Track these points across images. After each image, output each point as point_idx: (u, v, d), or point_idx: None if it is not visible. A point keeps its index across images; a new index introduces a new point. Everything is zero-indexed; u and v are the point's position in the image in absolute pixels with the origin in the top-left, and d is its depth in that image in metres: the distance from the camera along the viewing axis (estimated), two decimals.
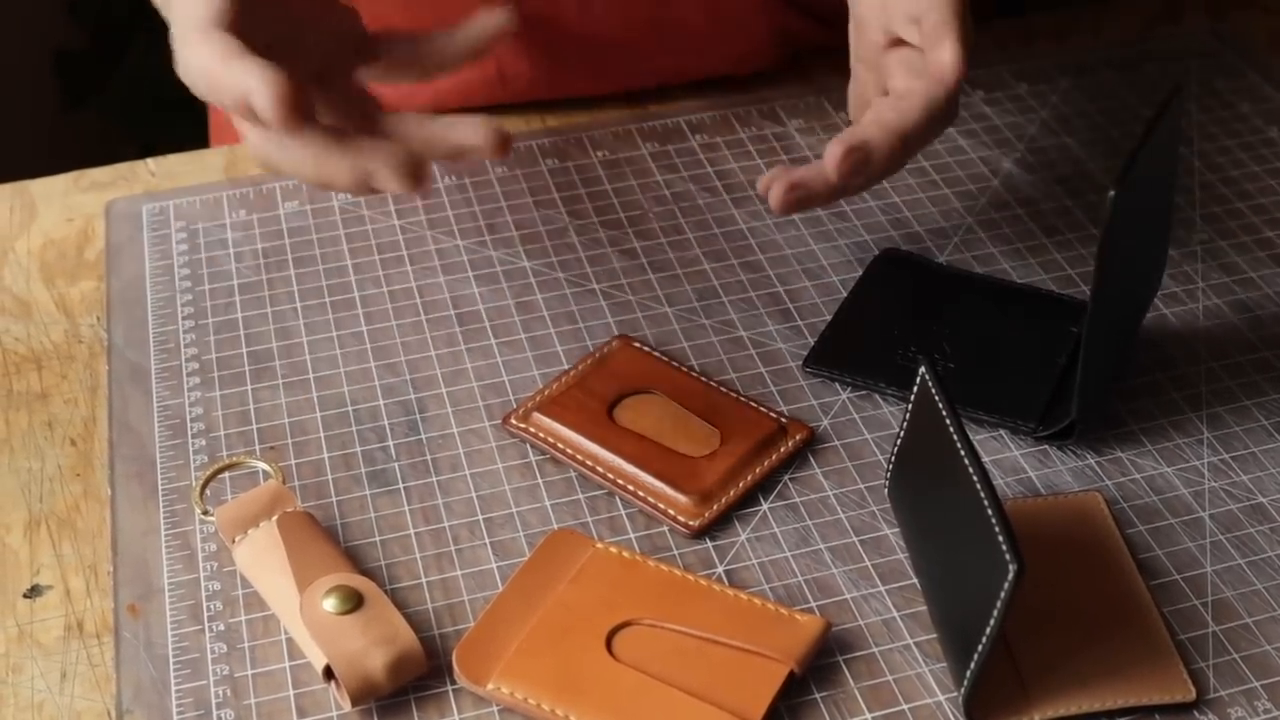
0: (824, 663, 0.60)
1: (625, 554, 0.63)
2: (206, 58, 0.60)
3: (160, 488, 0.67)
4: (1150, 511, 0.66)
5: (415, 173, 0.60)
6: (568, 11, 0.89)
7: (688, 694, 0.57)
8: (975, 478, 0.56)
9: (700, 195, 0.84)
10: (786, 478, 0.68)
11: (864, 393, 0.72)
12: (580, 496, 0.67)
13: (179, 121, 1.12)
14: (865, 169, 0.69)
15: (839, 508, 0.66)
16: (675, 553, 0.64)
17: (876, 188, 0.82)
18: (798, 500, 0.67)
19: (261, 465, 0.67)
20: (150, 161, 0.87)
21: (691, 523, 0.65)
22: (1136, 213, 0.64)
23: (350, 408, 0.71)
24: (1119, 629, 0.60)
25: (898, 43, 0.73)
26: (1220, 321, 0.76)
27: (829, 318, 0.76)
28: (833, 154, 0.67)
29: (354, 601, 0.59)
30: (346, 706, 0.58)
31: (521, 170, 0.86)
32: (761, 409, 0.70)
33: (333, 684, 0.58)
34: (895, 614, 0.62)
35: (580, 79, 0.92)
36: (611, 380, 0.71)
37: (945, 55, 0.69)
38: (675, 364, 0.72)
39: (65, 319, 0.77)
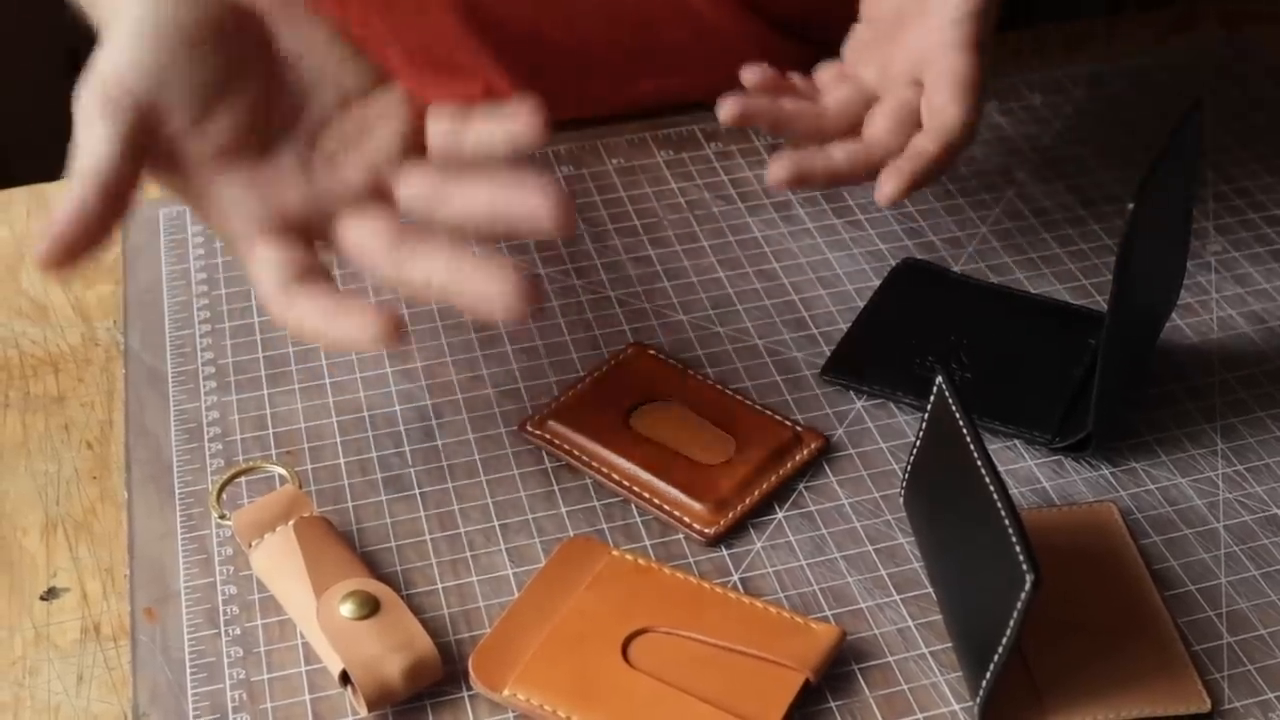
0: (839, 671, 0.60)
1: (641, 561, 0.63)
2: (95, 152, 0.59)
3: (177, 491, 0.67)
4: (1165, 522, 0.66)
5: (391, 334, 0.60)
6: (553, 33, 0.88)
7: (703, 701, 0.57)
8: (992, 487, 0.56)
9: (715, 203, 0.84)
10: (801, 486, 0.68)
11: (879, 402, 0.72)
12: (596, 503, 0.67)
13: None
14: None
15: (854, 516, 0.66)
16: (690, 560, 0.64)
17: None
18: (813, 509, 0.67)
19: (278, 470, 0.67)
20: None
21: (707, 530, 0.65)
22: (1155, 226, 0.64)
23: (367, 413, 0.71)
24: (1134, 640, 0.60)
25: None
26: (1234, 333, 0.76)
27: (844, 326, 0.76)
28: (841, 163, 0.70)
29: (370, 607, 0.59)
30: (363, 712, 0.58)
31: None
32: (777, 417, 0.70)
33: (349, 689, 0.58)
34: (910, 623, 0.62)
35: (565, 101, 0.91)
36: (627, 388, 0.71)
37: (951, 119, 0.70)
38: (691, 372, 0.72)
39: (82, 323, 0.77)
